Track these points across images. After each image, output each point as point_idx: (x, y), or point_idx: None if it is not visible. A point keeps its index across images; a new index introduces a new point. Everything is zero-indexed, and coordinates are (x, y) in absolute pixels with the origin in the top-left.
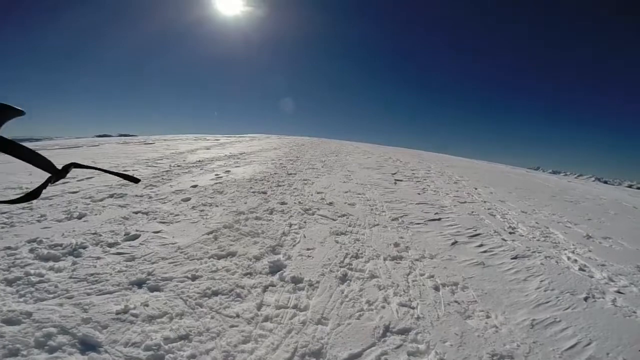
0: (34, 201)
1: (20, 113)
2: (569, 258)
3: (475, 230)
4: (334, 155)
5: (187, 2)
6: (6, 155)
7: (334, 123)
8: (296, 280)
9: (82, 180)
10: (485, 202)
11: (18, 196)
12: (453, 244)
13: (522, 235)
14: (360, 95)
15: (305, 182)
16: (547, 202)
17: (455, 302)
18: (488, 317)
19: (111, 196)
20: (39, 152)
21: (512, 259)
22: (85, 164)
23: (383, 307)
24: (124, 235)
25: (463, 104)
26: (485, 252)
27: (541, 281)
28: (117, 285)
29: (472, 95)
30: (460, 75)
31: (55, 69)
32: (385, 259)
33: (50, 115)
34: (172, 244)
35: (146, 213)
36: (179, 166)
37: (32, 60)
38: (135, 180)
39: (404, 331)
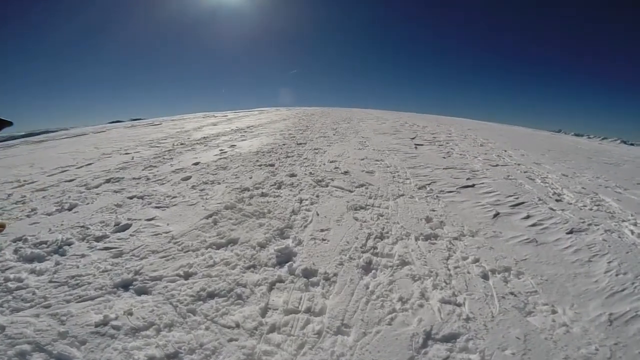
0: (28, 194)
1: (9, 124)
2: (632, 232)
3: (517, 198)
4: (346, 123)
5: None
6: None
7: (343, 92)
8: (309, 274)
9: (81, 167)
10: (519, 164)
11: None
12: (495, 215)
13: (571, 204)
14: (369, 62)
15: (317, 151)
16: (586, 165)
17: (511, 294)
18: (554, 312)
19: (107, 181)
20: (50, 142)
21: (567, 233)
22: None
23: (421, 306)
24: (114, 226)
25: (478, 66)
26: (534, 225)
27: (609, 262)
28: (100, 289)
29: (487, 58)
30: (474, 37)
31: (66, 60)
32: (417, 239)
33: (64, 107)
34: (166, 232)
35: (141, 197)
36: (182, 144)
37: (46, 53)
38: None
39: (451, 338)
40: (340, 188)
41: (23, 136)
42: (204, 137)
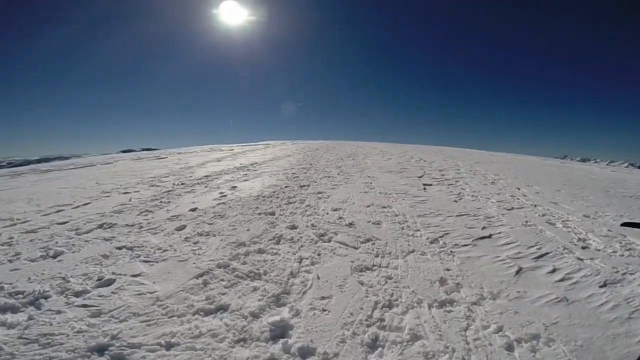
0: (16, 235)
1: None
2: None
3: (540, 249)
4: (351, 159)
5: (202, 15)
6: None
7: (348, 125)
8: (306, 353)
9: (78, 207)
10: (535, 205)
11: None
12: (517, 272)
13: (599, 250)
14: (372, 96)
15: (320, 195)
16: (606, 201)
17: None
18: None
19: (100, 227)
20: (55, 172)
21: (600, 287)
22: None
23: None
24: (97, 280)
25: (479, 96)
26: (562, 280)
27: None
28: (72, 351)
29: (488, 86)
30: (473, 67)
31: (83, 86)
32: (430, 306)
33: (80, 133)
34: (151, 292)
35: (131, 248)
36: (183, 184)
37: (68, 78)
38: None
39: None
40: (344, 244)
41: (37, 161)
42: (206, 176)
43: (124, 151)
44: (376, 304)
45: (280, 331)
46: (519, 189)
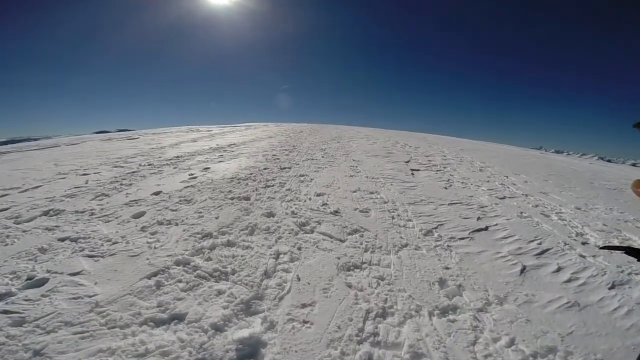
0: None
1: None
2: None
3: (540, 244)
4: (336, 142)
5: None
6: None
7: (332, 109)
8: None
9: (26, 191)
10: (527, 195)
11: None
12: (522, 271)
13: (599, 246)
14: (357, 81)
15: (303, 178)
16: (592, 192)
17: None
18: None
19: (45, 213)
20: (14, 154)
21: (609, 288)
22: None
23: None
24: (26, 280)
25: (459, 83)
26: (569, 281)
27: None
28: None
29: (467, 75)
30: (454, 56)
31: (54, 67)
32: (431, 314)
33: (52, 114)
34: (90, 296)
35: (75, 240)
36: (150, 165)
37: (32, 58)
38: None
39: None
40: (329, 236)
41: (4, 143)
42: (177, 157)
43: (98, 132)
44: (368, 313)
45: (249, 350)
46: (507, 177)
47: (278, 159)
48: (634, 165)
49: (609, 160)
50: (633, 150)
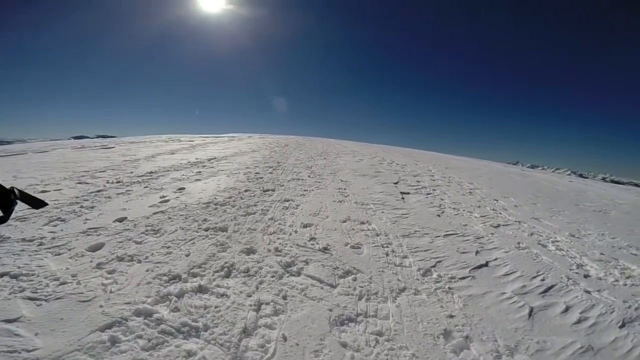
0: None
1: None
2: None
3: (543, 280)
4: (322, 159)
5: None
6: None
7: (318, 122)
8: None
9: None
10: (519, 222)
11: None
12: (530, 314)
13: (601, 279)
14: (342, 94)
15: (288, 204)
16: (581, 216)
17: None
18: None
19: None
20: None
21: (620, 327)
22: None
23: None
24: None
25: (438, 97)
26: (579, 322)
27: None
28: None
29: (446, 89)
30: (432, 69)
31: (36, 68)
32: None
33: (30, 116)
34: (28, 351)
35: (16, 277)
36: (119, 182)
37: (11, 59)
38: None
39: None
40: (319, 280)
41: None
42: (151, 172)
43: (77, 137)
44: None
45: None
46: (496, 200)
47: (261, 177)
48: (604, 180)
49: (581, 175)
50: (602, 164)
